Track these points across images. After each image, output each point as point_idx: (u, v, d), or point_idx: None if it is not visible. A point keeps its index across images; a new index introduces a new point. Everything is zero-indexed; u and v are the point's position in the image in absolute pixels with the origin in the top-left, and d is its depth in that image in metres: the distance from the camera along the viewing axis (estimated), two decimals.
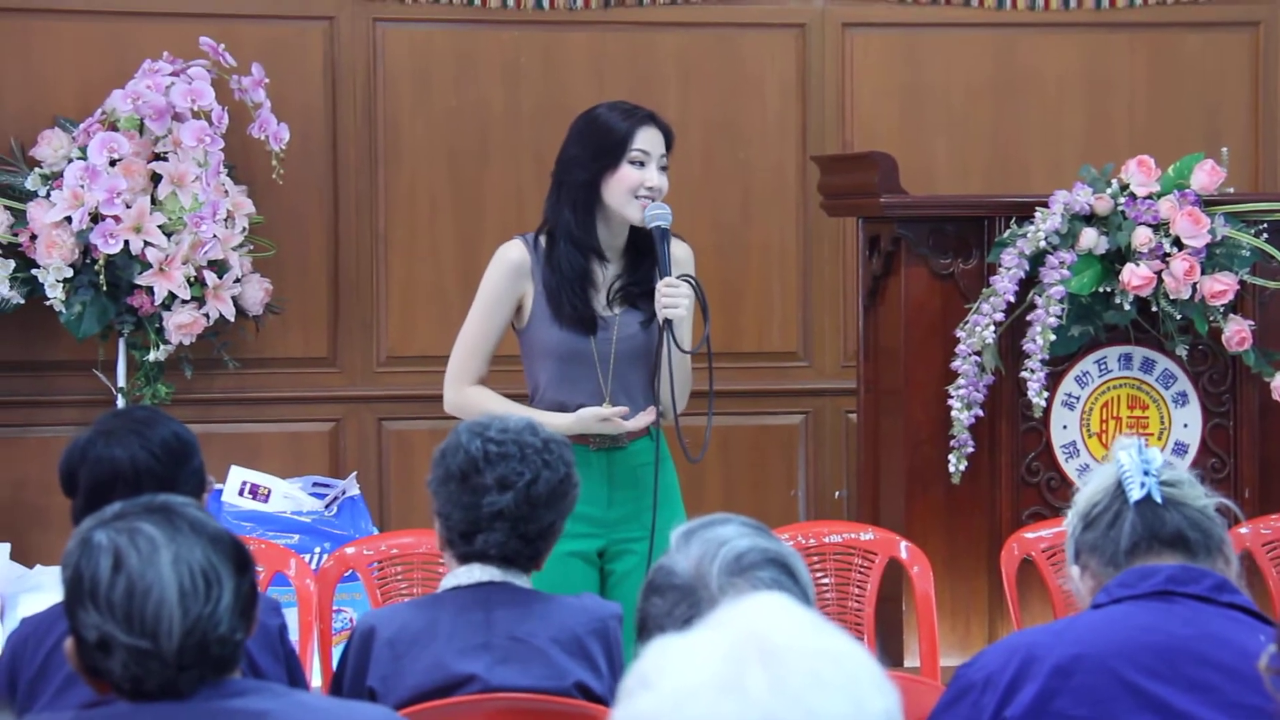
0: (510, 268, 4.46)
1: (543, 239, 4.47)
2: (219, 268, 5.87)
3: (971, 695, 2.82)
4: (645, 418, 4.41)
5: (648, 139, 4.42)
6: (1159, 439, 5.40)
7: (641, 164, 4.40)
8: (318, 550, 5.54)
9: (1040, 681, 2.78)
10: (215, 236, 5.78)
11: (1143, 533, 2.88)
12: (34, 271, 5.80)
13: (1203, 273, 5.25)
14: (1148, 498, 2.88)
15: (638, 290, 4.46)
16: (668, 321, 4.36)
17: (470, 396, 4.43)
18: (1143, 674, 2.77)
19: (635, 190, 4.39)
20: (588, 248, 4.43)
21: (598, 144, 4.41)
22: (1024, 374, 5.21)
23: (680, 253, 4.51)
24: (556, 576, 4.13)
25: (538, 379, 4.47)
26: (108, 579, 2.35)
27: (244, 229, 5.96)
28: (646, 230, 4.42)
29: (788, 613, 1.71)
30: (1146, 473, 2.88)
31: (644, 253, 4.48)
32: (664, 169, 4.44)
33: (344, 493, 5.89)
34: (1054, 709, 2.77)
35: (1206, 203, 5.29)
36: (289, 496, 5.81)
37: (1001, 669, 2.81)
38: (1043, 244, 5.20)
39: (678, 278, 4.38)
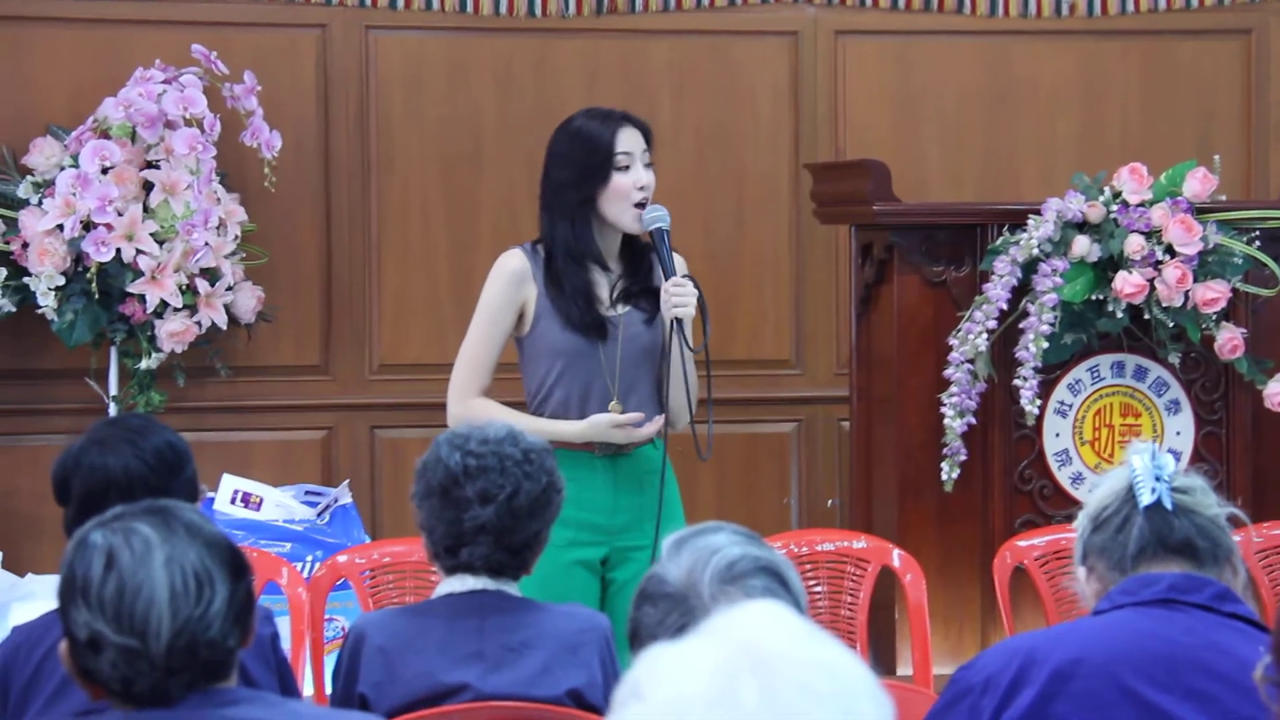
0: (511, 276, 4.45)
1: (541, 248, 4.46)
2: (211, 275, 5.86)
3: (970, 698, 2.82)
4: (652, 426, 4.39)
5: (628, 140, 4.42)
6: None
7: (627, 167, 4.41)
8: (310, 559, 5.53)
9: (1039, 685, 2.77)
10: (207, 244, 5.78)
11: (1150, 538, 2.87)
12: (26, 280, 5.80)
13: (1195, 280, 5.25)
14: (1158, 503, 2.87)
15: (638, 289, 4.46)
16: (678, 320, 4.35)
17: (475, 409, 4.38)
18: (1143, 681, 2.77)
19: (628, 196, 4.39)
20: (588, 257, 4.43)
21: (584, 162, 4.40)
22: (1016, 382, 5.21)
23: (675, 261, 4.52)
24: (560, 586, 4.14)
25: (543, 380, 4.44)
26: (100, 577, 2.35)
27: (236, 237, 5.96)
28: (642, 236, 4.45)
29: (781, 621, 1.70)
30: (1158, 478, 2.87)
31: (639, 253, 4.49)
32: (649, 165, 4.45)
33: (336, 501, 5.88)
34: (1052, 713, 2.77)
35: (1199, 210, 5.30)
36: (281, 505, 5.80)
37: (1000, 671, 2.81)
38: (1035, 251, 5.20)
39: (682, 277, 4.39)
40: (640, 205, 4.41)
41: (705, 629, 1.71)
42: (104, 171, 5.75)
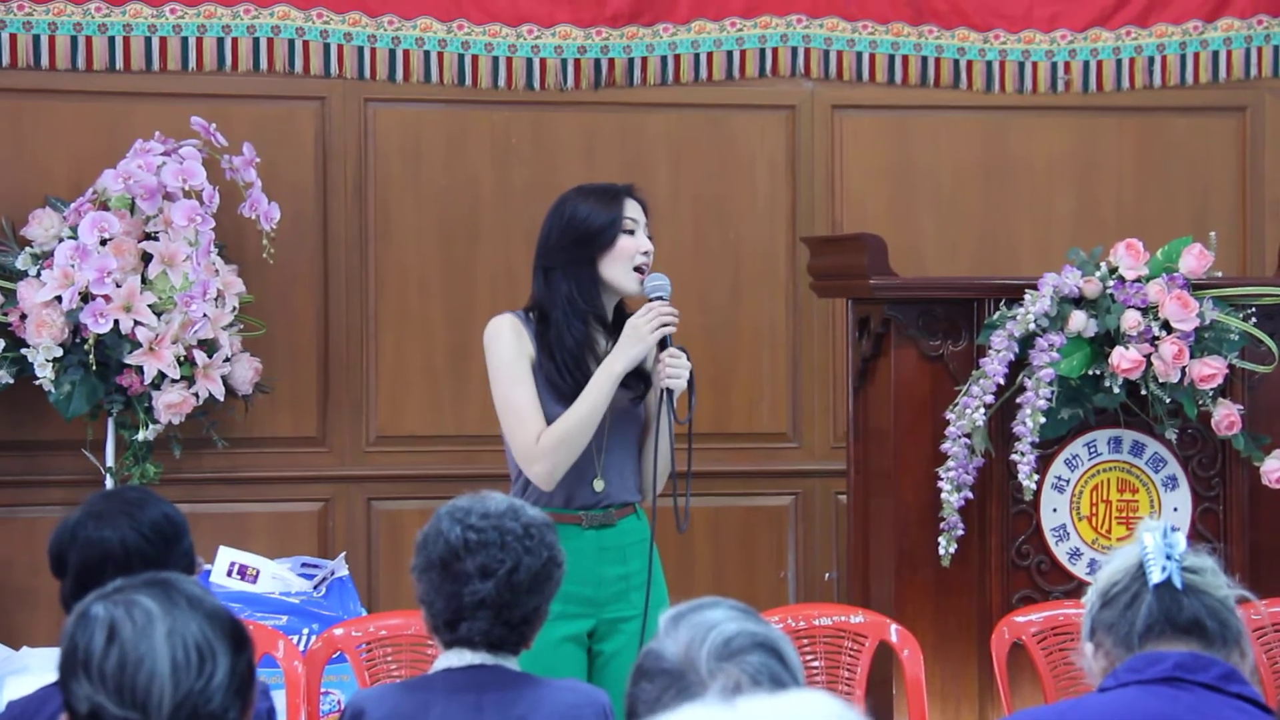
0: (512, 330, 4.44)
1: (533, 315, 4.47)
2: (209, 347, 5.87)
3: None
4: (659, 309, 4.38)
5: (634, 209, 4.48)
6: None
7: (633, 232, 4.44)
8: (306, 631, 5.51)
9: None
10: (205, 316, 5.78)
11: (1159, 616, 2.86)
12: (23, 351, 5.80)
13: (1192, 356, 5.25)
14: (1168, 582, 2.86)
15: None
16: (668, 391, 4.36)
17: (547, 446, 4.35)
18: None
19: (632, 258, 4.42)
20: (591, 313, 4.43)
21: (590, 224, 4.43)
22: (1014, 456, 5.21)
23: None
24: (549, 661, 4.12)
25: None
26: (101, 650, 2.35)
27: (234, 308, 5.96)
28: (628, 309, 4.46)
29: (789, 709, 1.69)
30: (1169, 557, 2.87)
31: None
32: (649, 237, 4.49)
33: (332, 573, 5.87)
34: None
35: (1195, 286, 5.31)
36: (277, 577, 5.79)
37: None
38: (1032, 326, 5.21)
39: (677, 348, 4.41)
40: (639, 270, 4.44)
41: (734, 710, 1.69)
42: (102, 243, 5.76)
